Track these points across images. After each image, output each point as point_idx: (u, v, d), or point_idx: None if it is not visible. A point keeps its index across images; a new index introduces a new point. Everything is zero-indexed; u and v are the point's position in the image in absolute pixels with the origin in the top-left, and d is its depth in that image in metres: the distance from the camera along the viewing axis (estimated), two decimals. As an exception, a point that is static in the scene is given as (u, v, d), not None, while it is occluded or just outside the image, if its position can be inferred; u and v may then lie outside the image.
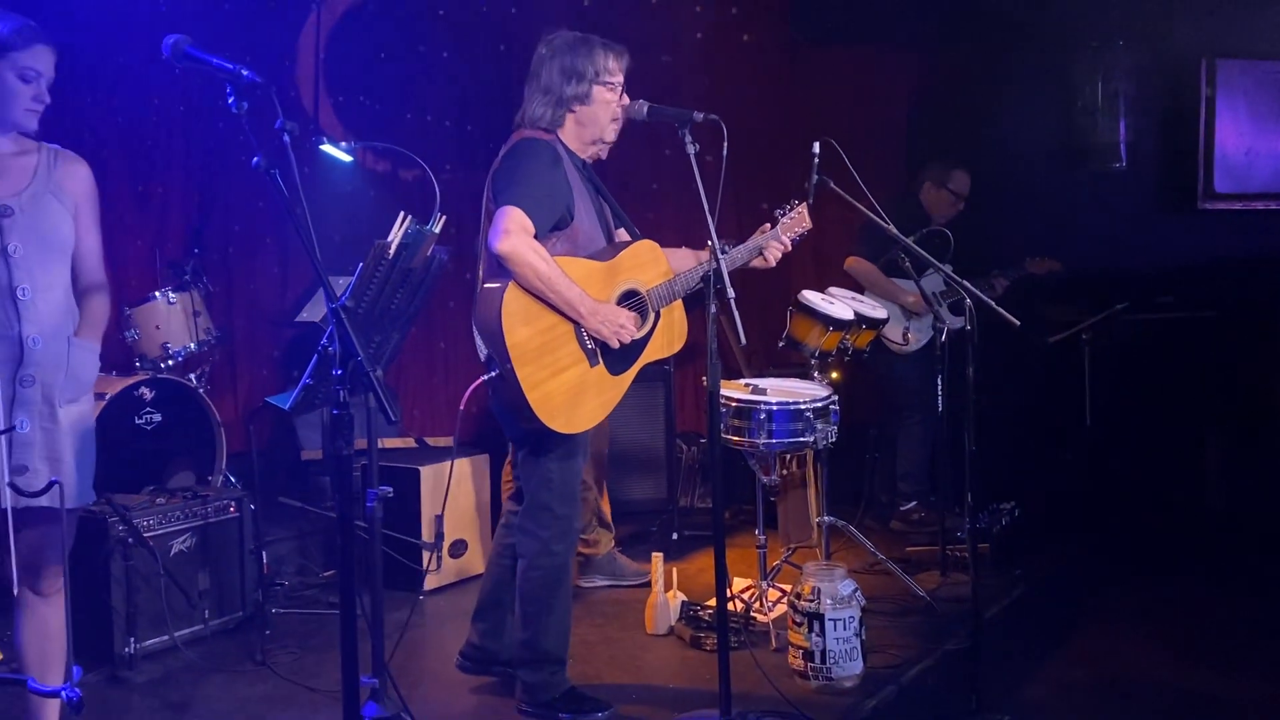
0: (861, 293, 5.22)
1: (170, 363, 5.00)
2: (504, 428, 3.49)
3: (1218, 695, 4.00)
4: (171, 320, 5.02)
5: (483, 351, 3.24)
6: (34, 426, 2.79)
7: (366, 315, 3.27)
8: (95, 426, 3.06)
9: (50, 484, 2.71)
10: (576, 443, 3.35)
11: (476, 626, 3.69)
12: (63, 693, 2.70)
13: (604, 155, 4.19)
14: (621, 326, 3.27)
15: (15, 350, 2.75)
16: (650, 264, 3.45)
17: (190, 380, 4.99)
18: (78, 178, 2.98)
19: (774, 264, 3.66)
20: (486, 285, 3.23)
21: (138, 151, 5.79)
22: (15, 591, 2.91)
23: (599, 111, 3.36)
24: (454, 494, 4.73)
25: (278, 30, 6.21)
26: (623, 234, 3.54)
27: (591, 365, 3.28)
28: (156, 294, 5.02)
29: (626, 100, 3.40)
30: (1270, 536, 5.58)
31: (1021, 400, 6.11)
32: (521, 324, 3.14)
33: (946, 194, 5.68)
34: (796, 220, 3.71)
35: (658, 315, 3.44)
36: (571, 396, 3.22)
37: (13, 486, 2.71)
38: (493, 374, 3.18)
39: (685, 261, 3.54)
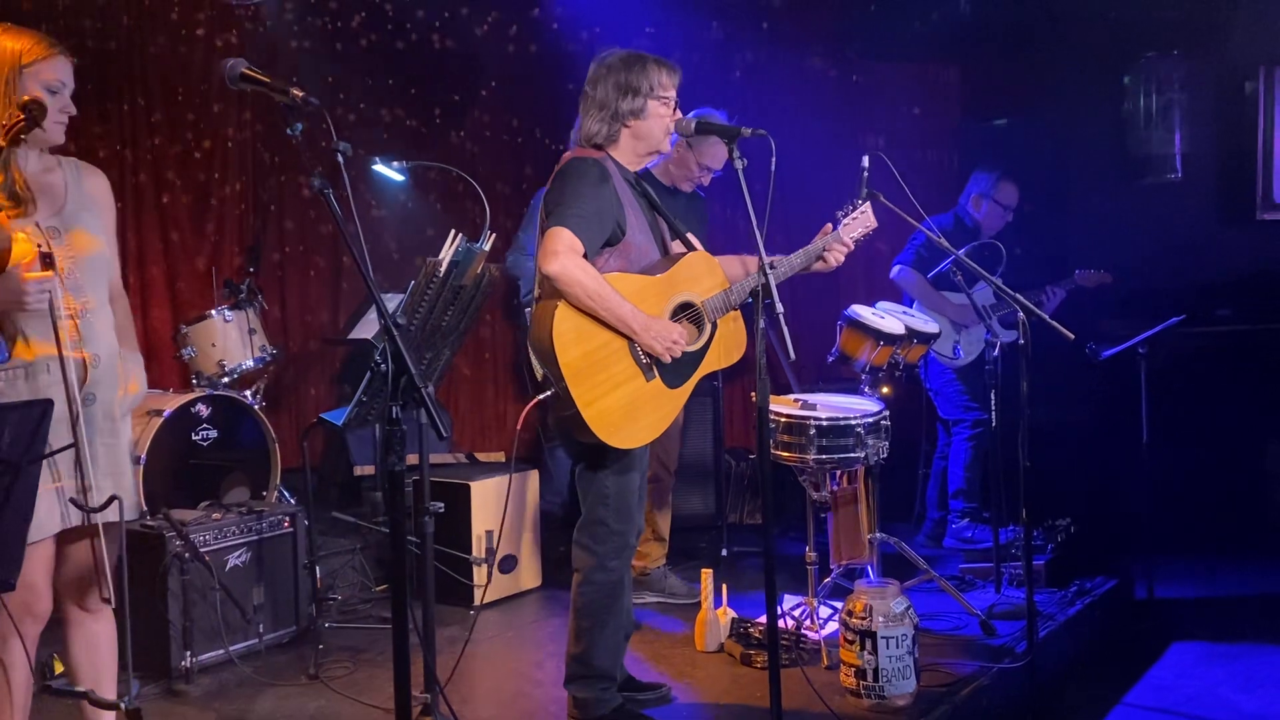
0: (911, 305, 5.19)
1: (226, 380, 5.07)
2: (562, 444, 3.49)
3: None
4: (228, 338, 5.10)
5: (539, 371, 3.25)
6: (97, 443, 2.83)
7: (418, 332, 3.30)
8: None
9: (110, 499, 2.75)
10: (634, 458, 3.35)
11: None
12: (122, 705, 2.74)
13: (683, 179, 4.20)
14: (674, 342, 3.27)
15: (80, 370, 2.79)
16: (705, 275, 3.44)
17: (246, 397, 5.06)
18: (101, 189, 2.97)
19: (836, 266, 3.59)
20: (539, 305, 3.24)
21: (195, 172, 5.90)
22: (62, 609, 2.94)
23: (653, 125, 3.38)
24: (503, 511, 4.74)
25: (333, 51, 6.31)
26: (678, 246, 3.53)
27: (648, 379, 3.28)
28: (213, 312, 5.11)
29: (678, 115, 3.41)
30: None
31: (1077, 415, 6.02)
32: (574, 342, 3.15)
33: (995, 206, 5.63)
34: (860, 220, 3.66)
35: (714, 326, 3.43)
36: (628, 412, 3.23)
37: (74, 503, 2.75)
38: (549, 393, 3.19)
39: (733, 268, 3.53)
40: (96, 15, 5.49)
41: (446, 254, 3.29)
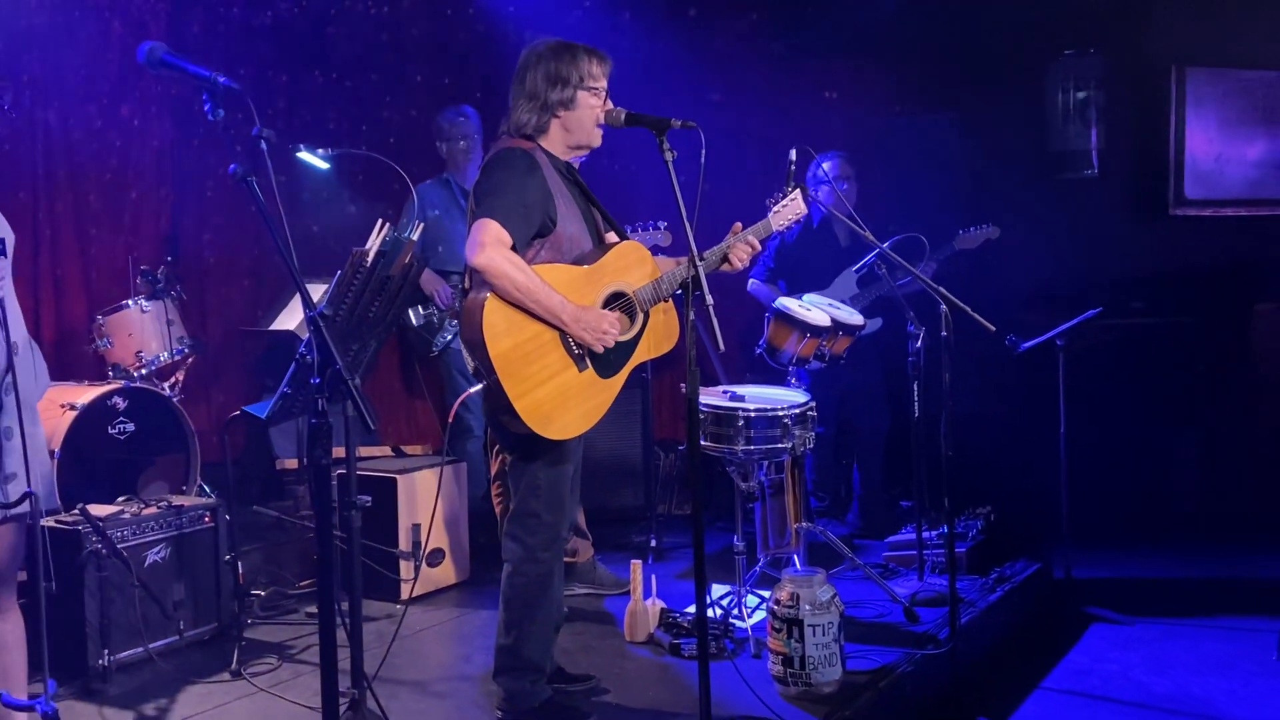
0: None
1: (143, 371, 4.95)
2: (496, 435, 3.46)
3: (1195, 694, 4.05)
4: (145, 328, 4.97)
5: (470, 364, 3.22)
6: (15, 433, 2.75)
7: (344, 323, 3.25)
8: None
9: (25, 495, 2.67)
10: (566, 449, 3.34)
11: None
12: (37, 707, 2.67)
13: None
14: (604, 332, 3.25)
15: (4, 359, 2.71)
16: (635, 265, 3.43)
17: (164, 389, 4.95)
18: None
19: (741, 267, 3.56)
20: (468, 298, 3.21)
21: (110, 158, 5.74)
22: None
23: (584, 116, 3.36)
24: (430, 504, 4.71)
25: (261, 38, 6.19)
26: (613, 237, 3.52)
27: (580, 370, 3.26)
28: (130, 302, 4.98)
29: (609, 105, 3.39)
30: (1243, 537, 5.65)
31: (997, 406, 6.14)
32: (504, 335, 3.13)
33: (827, 187, 5.48)
34: (790, 207, 3.67)
35: (646, 316, 3.43)
36: (561, 403, 3.21)
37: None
38: (480, 385, 3.17)
39: (666, 266, 3.53)
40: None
41: (374, 243, 3.25)
